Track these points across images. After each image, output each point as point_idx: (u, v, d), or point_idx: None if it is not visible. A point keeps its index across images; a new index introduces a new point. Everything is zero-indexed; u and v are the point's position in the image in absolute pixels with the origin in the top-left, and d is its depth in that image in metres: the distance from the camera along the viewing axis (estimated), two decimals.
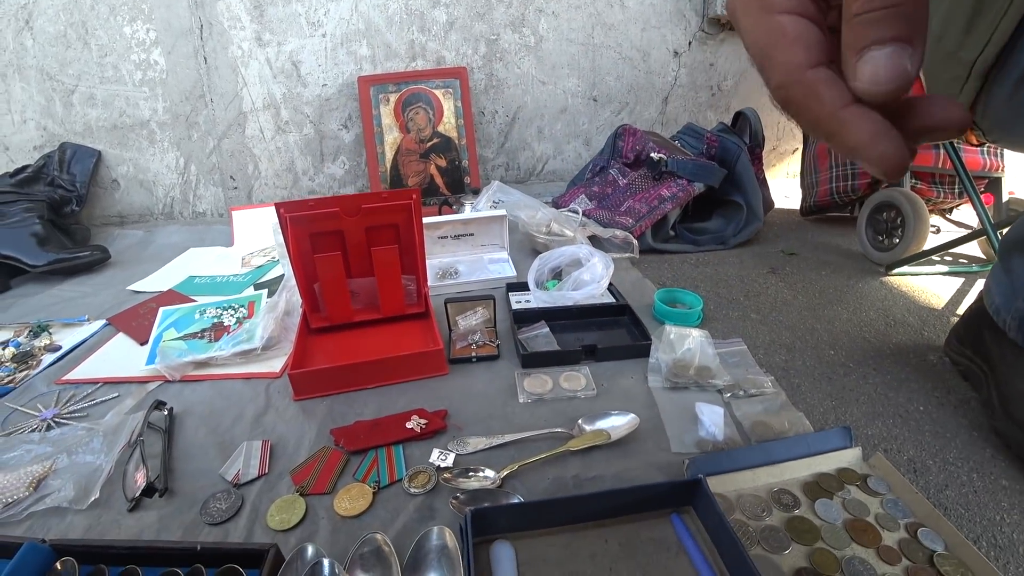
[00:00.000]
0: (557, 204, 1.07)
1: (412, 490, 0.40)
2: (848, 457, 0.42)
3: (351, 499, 0.40)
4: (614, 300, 0.69)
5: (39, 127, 1.20)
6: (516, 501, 0.38)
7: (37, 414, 0.58)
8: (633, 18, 1.20)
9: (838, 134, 0.16)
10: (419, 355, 0.55)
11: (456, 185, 1.18)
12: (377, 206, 0.60)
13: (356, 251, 0.63)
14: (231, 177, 1.23)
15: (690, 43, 1.24)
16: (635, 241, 0.85)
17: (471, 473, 0.41)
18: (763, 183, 1.02)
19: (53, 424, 0.57)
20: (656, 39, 1.23)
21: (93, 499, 0.43)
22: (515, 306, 0.68)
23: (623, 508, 0.36)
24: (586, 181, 1.07)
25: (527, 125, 1.25)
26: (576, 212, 0.95)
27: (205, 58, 1.13)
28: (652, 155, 0.98)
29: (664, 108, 1.30)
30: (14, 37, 1.12)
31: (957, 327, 0.56)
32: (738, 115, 1.05)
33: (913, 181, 0.90)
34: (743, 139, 1.00)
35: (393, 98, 1.13)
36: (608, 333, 0.63)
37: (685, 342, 0.55)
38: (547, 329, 0.61)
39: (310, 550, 0.35)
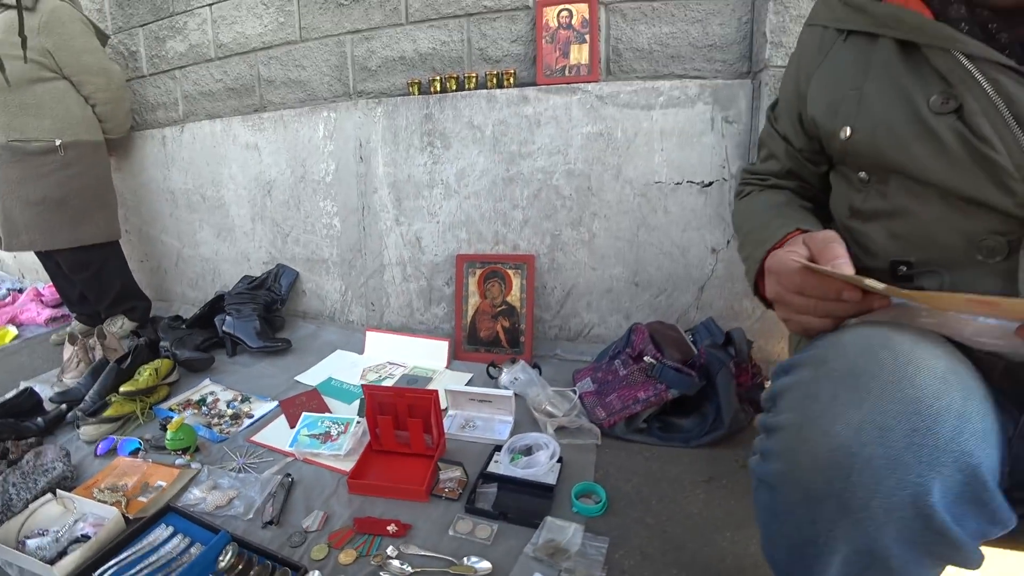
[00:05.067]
0: (574, 376, 1.52)
1: (372, 562, 0.91)
2: None
3: (345, 555, 0.92)
4: (548, 483, 1.12)
5: (267, 252, 2.06)
6: None
7: (235, 460, 1.24)
8: (675, 221, 1.60)
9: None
10: (414, 490, 1.07)
11: (514, 341, 1.71)
12: (417, 396, 1.16)
13: (402, 415, 1.19)
14: (371, 303, 1.94)
15: (728, 241, 1.60)
16: (598, 431, 1.28)
17: (389, 560, 0.90)
18: (744, 397, 1.34)
19: (242, 468, 1.21)
20: (695, 238, 1.61)
21: (248, 517, 1.03)
22: (491, 465, 1.17)
23: None
24: (598, 364, 1.51)
25: (578, 299, 1.73)
26: (575, 393, 1.40)
27: (364, 227, 1.87)
28: (646, 358, 1.39)
29: (700, 295, 1.66)
30: (261, 199, 1.99)
31: None
32: (728, 334, 1.41)
33: None
34: (729, 352, 1.35)
35: (478, 272, 1.72)
36: (528, 503, 1.07)
37: (563, 530, 0.97)
38: (495, 489, 1.09)
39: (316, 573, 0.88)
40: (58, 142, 1.81)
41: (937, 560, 0.44)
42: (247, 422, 1.38)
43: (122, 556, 0.89)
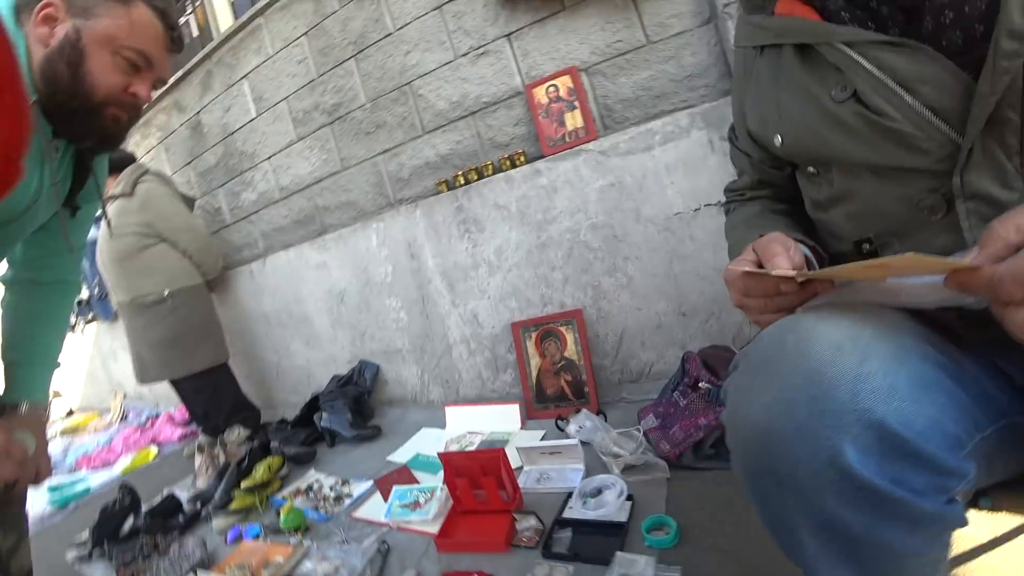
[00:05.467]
0: (639, 415, 1.58)
1: None
2: None
3: None
4: (619, 520, 1.18)
5: (349, 352, 2.32)
6: None
7: (339, 534, 1.40)
8: (704, 246, 1.65)
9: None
10: (494, 542, 1.17)
11: (579, 393, 1.80)
12: (486, 456, 1.29)
13: (476, 476, 1.31)
14: (446, 381, 2.12)
15: None
16: (664, 465, 1.32)
17: None
18: None
19: (345, 540, 1.37)
20: (728, 257, 1.67)
21: None
22: (565, 512, 1.25)
23: None
24: (660, 399, 1.57)
25: (632, 340, 1.81)
26: (639, 431, 1.46)
27: (427, 315, 2.08)
28: (701, 384, 1.43)
29: None
30: (336, 307, 2.28)
31: None
32: None
33: None
34: None
35: (534, 335, 1.86)
36: (601, 543, 1.13)
37: (634, 563, 1.03)
38: (570, 533, 1.16)
39: None
40: (166, 292, 2.22)
41: (902, 522, 0.44)
42: (348, 502, 1.56)
43: None
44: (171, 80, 2.73)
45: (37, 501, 2.19)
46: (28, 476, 0.93)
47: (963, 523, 0.46)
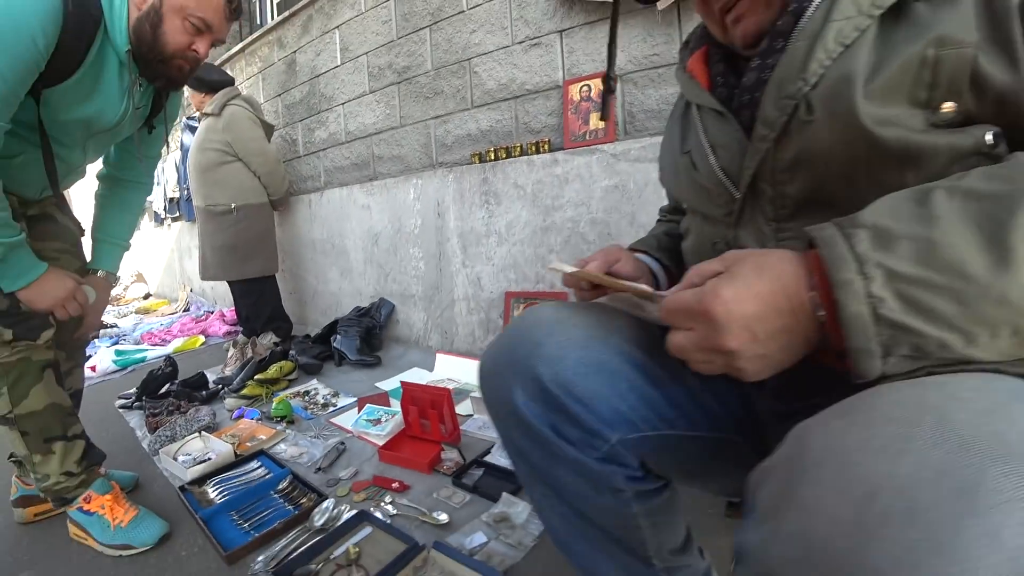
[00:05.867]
0: None
1: (372, 502, 1.27)
2: None
3: (358, 496, 1.29)
4: None
5: (374, 288, 2.62)
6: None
7: (313, 431, 1.70)
8: None
9: None
10: (420, 462, 1.42)
11: None
12: (436, 392, 1.52)
13: (425, 407, 1.55)
14: (445, 332, 2.37)
15: None
16: None
17: (384, 504, 1.25)
18: None
19: (317, 436, 1.66)
20: None
21: (308, 465, 1.46)
22: (488, 457, 1.47)
23: None
24: None
25: None
26: None
27: (440, 269, 2.32)
28: None
29: None
30: (371, 247, 2.56)
31: None
32: None
33: None
34: None
35: (522, 306, 2.06)
36: (501, 485, 1.35)
37: (515, 505, 1.24)
38: (482, 472, 1.38)
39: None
40: (233, 205, 2.59)
41: (565, 465, 0.57)
42: (331, 409, 1.86)
43: (227, 474, 1.38)
44: (278, 18, 3.09)
45: (104, 358, 2.70)
46: (92, 321, 1.27)
47: (623, 485, 0.57)
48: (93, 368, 2.61)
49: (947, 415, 0.31)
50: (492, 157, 2.12)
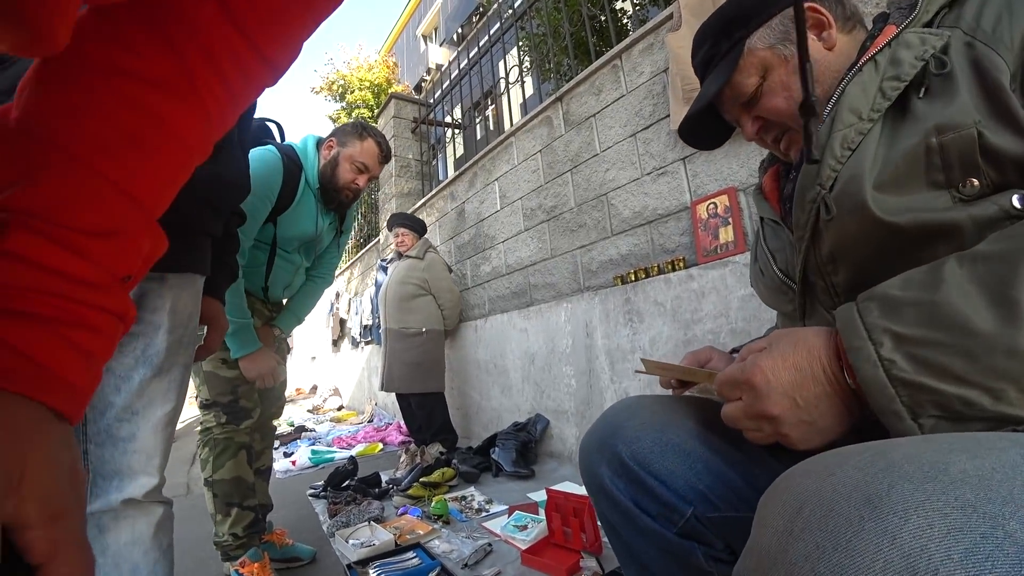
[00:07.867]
0: None
1: None
2: None
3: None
4: None
5: (530, 405, 2.83)
6: None
7: (466, 531, 1.86)
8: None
9: None
10: (558, 568, 1.48)
11: None
12: (579, 500, 1.61)
13: (567, 515, 1.63)
14: None
15: None
16: None
17: None
18: None
19: (468, 536, 1.82)
20: None
21: (457, 562, 1.61)
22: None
23: None
24: None
25: None
26: None
27: (591, 386, 2.46)
28: None
29: None
30: (528, 366, 2.81)
31: None
32: None
33: None
34: None
35: None
36: None
37: None
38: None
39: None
40: (423, 329, 3.11)
41: (645, 537, 0.62)
42: (484, 514, 2.02)
43: (387, 559, 1.60)
44: (451, 176, 3.85)
45: (302, 455, 3.33)
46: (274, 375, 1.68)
47: (709, 567, 0.59)
48: (294, 462, 3.25)
49: (889, 449, 0.34)
50: (633, 278, 2.31)
